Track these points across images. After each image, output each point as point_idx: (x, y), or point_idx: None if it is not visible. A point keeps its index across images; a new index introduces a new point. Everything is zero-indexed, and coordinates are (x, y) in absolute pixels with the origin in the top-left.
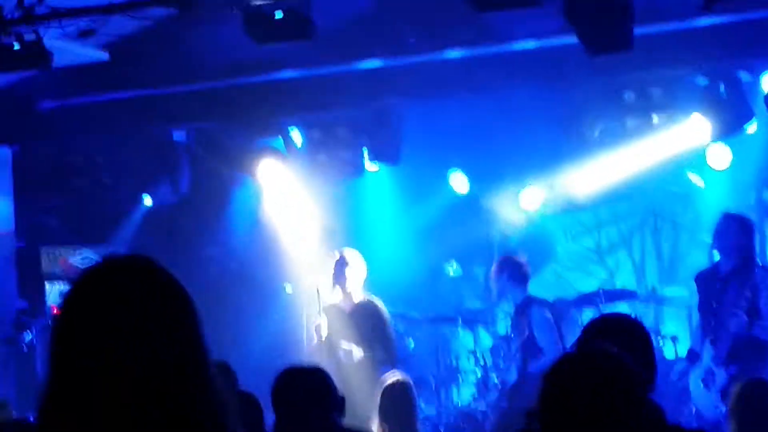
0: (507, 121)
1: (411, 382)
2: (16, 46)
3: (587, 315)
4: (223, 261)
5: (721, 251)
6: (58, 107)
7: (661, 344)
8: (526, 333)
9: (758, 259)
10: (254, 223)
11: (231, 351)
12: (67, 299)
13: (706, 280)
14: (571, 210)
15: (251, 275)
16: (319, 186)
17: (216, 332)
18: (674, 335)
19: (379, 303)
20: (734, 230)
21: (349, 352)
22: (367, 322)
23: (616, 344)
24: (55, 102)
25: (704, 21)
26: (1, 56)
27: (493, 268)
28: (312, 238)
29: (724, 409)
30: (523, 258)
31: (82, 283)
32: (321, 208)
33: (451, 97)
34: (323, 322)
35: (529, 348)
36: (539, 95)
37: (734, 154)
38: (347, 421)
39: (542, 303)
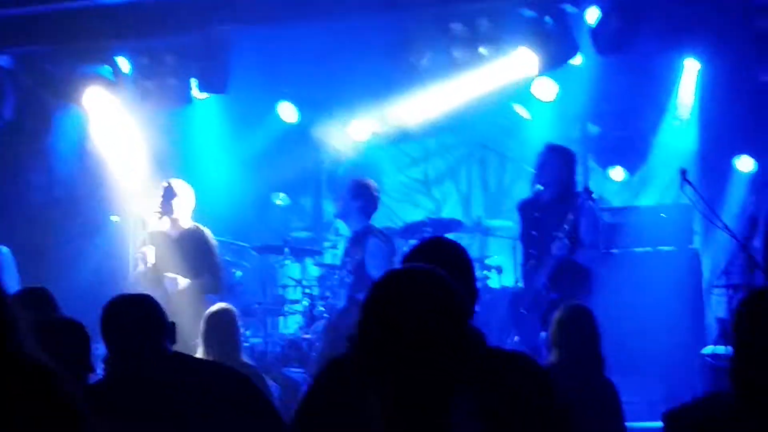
0: (337, 51)
1: (235, 310)
2: None
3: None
4: (47, 189)
5: (542, 181)
6: None
7: (486, 275)
8: (358, 260)
9: (574, 188)
10: (81, 152)
11: (56, 280)
12: None
13: (526, 209)
14: (399, 141)
15: (77, 204)
16: (146, 114)
17: (40, 260)
18: (499, 266)
19: (207, 231)
20: (555, 161)
21: (174, 280)
22: (193, 249)
23: (439, 266)
24: None
25: None
26: None
27: (348, 188)
28: (140, 167)
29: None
30: (372, 184)
31: None
32: (149, 136)
33: (281, 24)
34: (149, 250)
35: (360, 276)
36: (369, 24)
37: (560, 86)
38: (176, 348)
39: (381, 234)
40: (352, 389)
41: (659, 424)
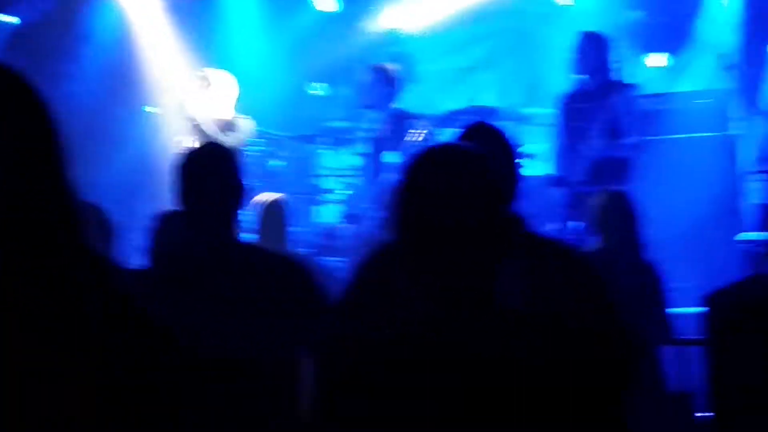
0: None
1: (285, 200)
2: None
3: (449, 132)
4: (81, 79)
5: (580, 71)
6: None
7: (523, 162)
8: (400, 146)
9: (615, 77)
10: (117, 43)
11: (90, 170)
12: None
13: (568, 100)
14: (434, 29)
15: (113, 94)
16: (179, 2)
17: (73, 150)
18: (536, 153)
19: (247, 121)
20: (592, 49)
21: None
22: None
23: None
24: None
25: None
26: None
27: (365, 75)
28: (175, 57)
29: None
30: (394, 68)
31: None
32: (183, 25)
33: None
34: (190, 141)
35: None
36: None
37: None
38: None
39: (419, 117)
40: (394, 273)
41: (695, 309)
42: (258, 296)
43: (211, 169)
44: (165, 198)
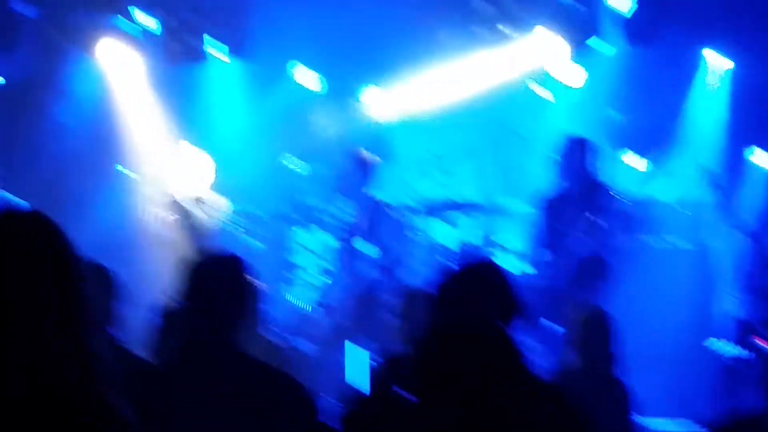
0: (356, 18)
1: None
2: None
3: (430, 223)
4: (61, 138)
5: (564, 174)
6: None
7: (498, 255)
8: (366, 231)
9: (596, 179)
10: (95, 104)
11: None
12: None
13: (548, 200)
14: (416, 113)
15: (88, 154)
16: (162, 71)
17: (50, 209)
18: (515, 249)
19: (222, 201)
20: (577, 153)
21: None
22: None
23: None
24: None
25: None
26: None
27: (346, 163)
28: (151, 123)
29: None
30: (372, 156)
31: None
32: (161, 92)
33: None
34: (170, 217)
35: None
36: None
37: (586, 70)
38: None
39: (391, 207)
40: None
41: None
42: (249, 408)
43: (221, 273)
44: (134, 261)
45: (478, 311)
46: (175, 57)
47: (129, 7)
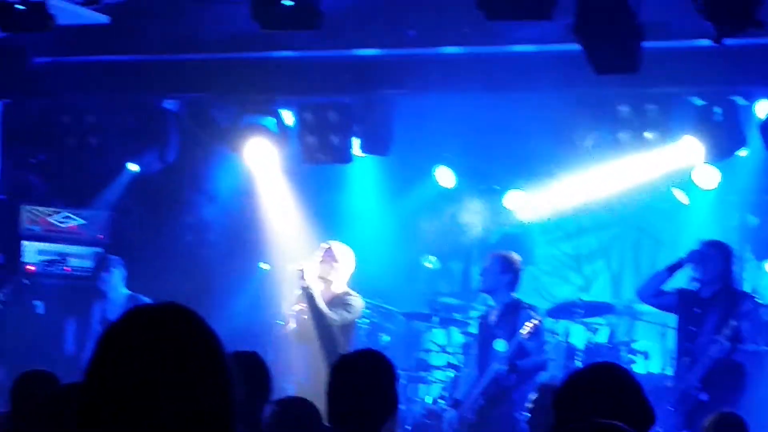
0: (499, 122)
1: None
2: (19, 6)
3: (563, 325)
4: (201, 231)
5: (701, 278)
6: (52, 64)
7: (632, 358)
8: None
9: (737, 285)
10: (237, 199)
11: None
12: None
13: (685, 302)
14: (554, 215)
15: (229, 249)
16: (305, 169)
17: (191, 299)
18: (646, 351)
19: (357, 299)
20: (715, 257)
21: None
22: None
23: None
24: (49, 58)
25: (704, 42)
26: (3, 16)
27: (488, 261)
28: (293, 220)
29: None
30: (518, 258)
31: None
32: (305, 191)
33: (445, 93)
34: (302, 307)
35: (520, 348)
36: (534, 98)
37: (722, 175)
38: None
39: (531, 309)
40: None
41: None
42: None
43: (369, 372)
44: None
45: (601, 413)
46: (322, 156)
47: (277, 108)
